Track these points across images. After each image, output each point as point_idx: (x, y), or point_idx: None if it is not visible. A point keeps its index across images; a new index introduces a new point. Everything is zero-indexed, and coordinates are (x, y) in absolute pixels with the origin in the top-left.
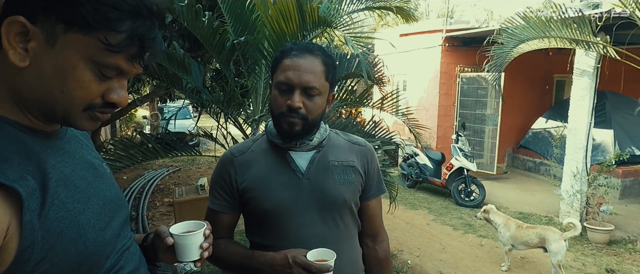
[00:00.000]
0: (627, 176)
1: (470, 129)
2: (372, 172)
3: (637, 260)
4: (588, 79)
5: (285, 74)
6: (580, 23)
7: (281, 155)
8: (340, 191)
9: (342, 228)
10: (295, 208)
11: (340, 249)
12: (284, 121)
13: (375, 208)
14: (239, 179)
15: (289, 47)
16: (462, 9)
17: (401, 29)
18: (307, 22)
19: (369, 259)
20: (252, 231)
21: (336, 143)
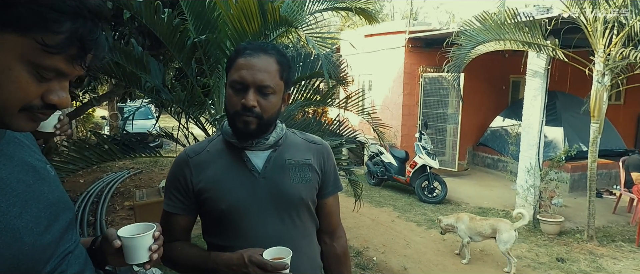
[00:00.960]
0: (575, 171)
1: (432, 128)
2: (329, 170)
3: (584, 249)
4: (540, 80)
5: (239, 73)
6: (531, 27)
7: (237, 155)
8: (297, 189)
9: (300, 226)
10: (251, 207)
11: (298, 246)
12: (238, 120)
13: (333, 205)
14: (195, 180)
15: (243, 47)
16: (426, 11)
17: (366, 29)
18: (269, 21)
19: (327, 256)
20: (209, 232)
21: (293, 142)
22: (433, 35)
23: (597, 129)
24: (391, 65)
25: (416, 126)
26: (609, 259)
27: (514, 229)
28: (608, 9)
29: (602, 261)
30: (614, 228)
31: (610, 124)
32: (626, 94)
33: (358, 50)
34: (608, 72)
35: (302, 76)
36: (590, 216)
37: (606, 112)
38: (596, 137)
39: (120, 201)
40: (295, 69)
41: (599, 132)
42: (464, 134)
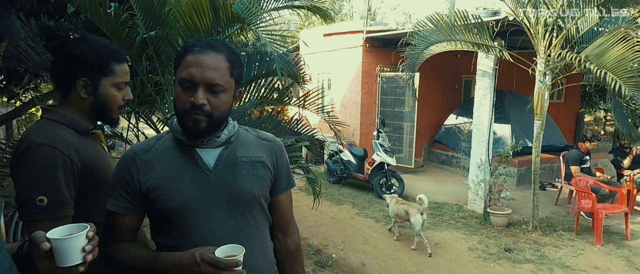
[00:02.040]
0: (522, 165)
1: (390, 126)
2: (281, 167)
3: (529, 239)
4: (488, 79)
5: (188, 71)
6: (480, 29)
7: (187, 153)
8: (249, 186)
9: (252, 223)
10: (202, 205)
11: (251, 243)
12: (188, 119)
13: (285, 201)
14: (142, 178)
15: (192, 43)
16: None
17: (325, 29)
18: (221, 18)
19: (280, 252)
20: (158, 232)
21: (245, 139)
22: (389, 36)
23: (540, 126)
24: (349, 65)
25: (374, 124)
26: (551, 247)
27: (420, 212)
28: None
29: (545, 249)
30: (555, 218)
31: (552, 121)
32: (566, 94)
33: (317, 49)
34: (549, 72)
35: (259, 74)
36: (534, 208)
37: (548, 110)
38: (539, 133)
39: None
40: (251, 68)
41: (541, 128)
42: (420, 131)
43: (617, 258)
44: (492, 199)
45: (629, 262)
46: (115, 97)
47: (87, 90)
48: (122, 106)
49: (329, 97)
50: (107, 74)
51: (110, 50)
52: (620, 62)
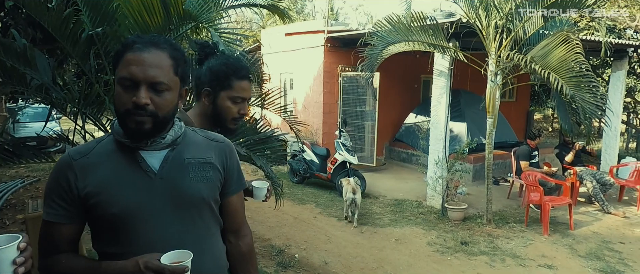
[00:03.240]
0: (477, 162)
1: (352, 125)
2: (232, 167)
3: (484, 231)
4: (444, 79)
5: (128, 69)
6: (435, 30)
7: (130, 155)
8: (197, 188)
9: (202, 226)
10: (148, 210)
11: (201, 248)
12: (130, 120)
13: (237, 203)
14: (80, 184)
15: (132, 40)
16: (346, 12)
17: (286, 28)
18: (173, 15)
19: (232, 255)
20: (99, 241)
21: (193, 140)
22: (349, 36)
23: (492, 124)
24: (311, 64)
25: (337, 124)
26: (504, 239)
27: (353, 193)
28: (497, 15)
29: (498, 241)
30: (508, 211)
31: (504, 119)
32: (517, 93)
33: (278, 48)
34: (499, 72)
35: None
36: (488, 202)
37: (501, 108)
38: (491, 130)
39: (11, 215)
40: None
41: (493, 126)
42: (381, 130)
43: (562, 247)
44: (449, 194)
45: (572, 250)
46: (229, 109)
47: (209, 99)
48: (236, 118)
49: (291, 96)
50: (225, 87)
51: (234, 66)
52: (563, 63)
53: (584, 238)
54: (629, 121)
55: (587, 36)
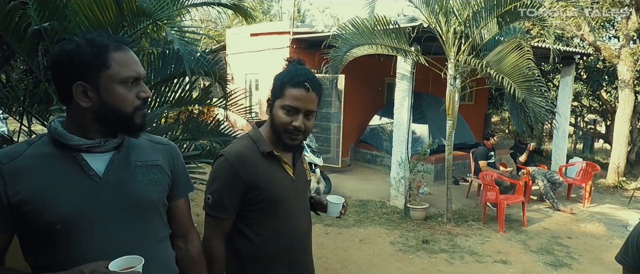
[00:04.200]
0: (438, 162)
1: (317, 127)
2: (179, 170)
3: (444, 230)
4: (407, 82)
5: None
6: (398, 34)
7: (70, 159)
8: (146, 191)
9: (151, 231)
10: (92, 216)
11: (150, 253)
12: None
13: (184, 206)
14: (10, 191)
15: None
16: (312, 14)
17: (252, 28)
18: (126, 12)
19: (182, 260)
20: (33, 252)
21: (137, 143)
22: (315, 37)
23: (452, 125)
24: (277, 65)
25: None
26: (463, 237)
27: (317, 183)
28: (456, 21)
29: (457, 239)
30: (466, 210)
31: (464, 121)
32: (476, 96)
33: (244, 49)
34: (458, 76)
35: (175, 73)
36: (448, 202)
37: (460, 111)
38: (451, 132)
39: None
40: (167, 67)
41: (453, 127)
42: (346, 132)
43: (516, 242)
44: (411, 194)
45: (525, 245)
46: (280, 119)
47: (268, 110)
48: (289, 131)
49: (256, 97)
50: (278, 95)
51: (291, 73)
52: (515, 68)
53: (535, 234)
54: (576, 123)
55: (539, 43)
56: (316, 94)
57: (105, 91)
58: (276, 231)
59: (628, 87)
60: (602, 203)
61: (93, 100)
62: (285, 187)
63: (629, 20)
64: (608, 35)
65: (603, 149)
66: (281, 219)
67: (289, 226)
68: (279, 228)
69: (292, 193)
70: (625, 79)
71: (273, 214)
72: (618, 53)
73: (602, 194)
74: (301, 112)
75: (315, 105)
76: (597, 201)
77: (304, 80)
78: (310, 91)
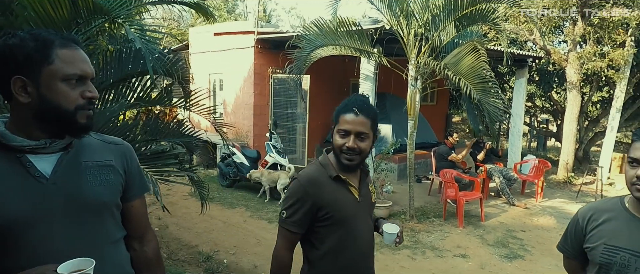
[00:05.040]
0: (401, 161)
1: (283, 127)
2: (133, 170)
3: (407, 227)
4: (370, 83)
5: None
6: (360, 35)
7: (13, 160)
8: (97, 192)
9: (103, 232)
10: (39, 218)
11: (102, 255)
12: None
13: (140, 207)
14: None
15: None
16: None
17: (216, 27)
18: (81, 8)
19: (138, 262)
20: None
21: (88, 143)
22: (279, 37)
23: (413, 125)
24: (241, 65)
25: (267, 126)
26: (425, 233)
27: (288, 177)
28: (417, 24)
29: (419, 235)
30: (428, 207)
31: (425, 121)
32: (438, 97)
33: (207, 48)
34: (419, 77)
35: (133, 71)
36: (410, 199)
37: (422, 111)
38: (412, 132)
39: None
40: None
41: (414, 127)
42: (312, 132)
43: (474, 237)
44: (376, 193)
45: (482, 239)
46: (336, 142)
47: (331, 134)
48: (343, 152)
49: (220, 98)
50: (336, 122)
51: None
52: (472, 70)
53: (492, 228)
54: (530, 123)
55: (495, 46)
56: (366, 117)
57: (46, 87)
58: (340, 246)
59: (575, 89)
60: (553, 198)
61: (32, 96)
62: (350, 208)
63: (576, 26)
64: (558, 40)
65: (555, 147)
66: (345, 236)
67: (351, 242)
68: (342, 243)
69: (356, 213)
70: (573, 81)
71: (338, 231)
72: (566, 57)
73: (553, 189)
74: (352, 134)
75: (365, 127)
76: (548, 196)
77: (353, 106)
78: (359, 115)
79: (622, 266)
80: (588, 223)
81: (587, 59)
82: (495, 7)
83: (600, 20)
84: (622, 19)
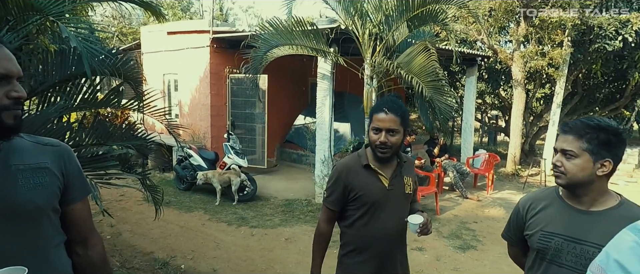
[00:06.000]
0: None
1: (242, 128)
2: (73, 173)
3: None
4: (327, 82)
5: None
6: (316, 35)
7: None
8: (29, 196)
9: (40, 238)
10: None
11: (40, 262)
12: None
13: (82, 211)
14: None
15: None
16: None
17: (169, 26)
18: (10, 5)
19: (83, 267)
20: None
21: (20, 146)
22: (235, 37)
23: (369, 124)
24: (197, 65)
25: (226, 127)
26: None
27: (239, 177)
28: (371, 24)
29: None
30: None
31: None
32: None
33: (161, 47)
34: (374, 76)
35: (77, 72)
36: None
37: None
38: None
39: None
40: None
41: None
42: (271, 132)
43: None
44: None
45: (438, 232)
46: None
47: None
48: (377, 146)
49: (176, 99)
50: (371, 121)
51: (377, 103)
52: (423, 69)
53: (447, 221)
54: (482, 119)
55: (447, 46)
56: (395, 115)
57: None
58: (366, 226)
59: (520, 86)
60: (503, 189)
61: None
62: (378, 194)
63: (519, 27)
64: (504, 40)
65: (505, 141)
66: (371, 217)
67: (377, 224)
68: (368, 224)
69: (384, 199)
70: (518, 79)
71: (365, 212)
72: (511, 56)
73: (503, 181)
74: (383, 130)
75: (395, 124)
76: (498, 188)
77: (384, 106)
78: (388, 113)
79: (556, 251)
80: (527, 212)
81: (529, 58)
82: (444, 8)
83: (541, 22)
84: (560, 21)
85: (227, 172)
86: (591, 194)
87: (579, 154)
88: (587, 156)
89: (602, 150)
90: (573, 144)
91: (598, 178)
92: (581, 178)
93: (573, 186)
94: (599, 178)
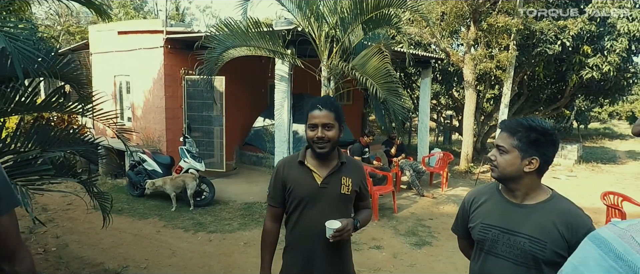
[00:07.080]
0: None
1: (200, 131)
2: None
3: None
4: (285, 84)
5: None
6: (272, 36)
7: None
8: None
9: None
10: None
11: None
12: None
13: (7, 224)
14: None
15: None
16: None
17: (120, 26)
18: None
19: None
20: None
21: None
22: (190, 37)
23: None
24: (150, 67)
25: (181, 130)
26: None
27: (194, 180)
28: (327, 26)
29: None
30: None
31: None
32: (353, 97)
33: (111, 48)
34: (332, 77)
35: (10, 75)
36: None
37: None
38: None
39: None
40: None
41: None
42: (230, 135)
43: (388, 228)
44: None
45: (395, 230)
46: (307, 134)
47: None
48: (314, 141)
49: (128, 101)
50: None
51: (312, 101)
52: (377, 71)
53: (404, 219)
54: (437, 119)
55: (402, 48)
56: (329, 111)
57: None
58: (297, 222)
59: (471, 87)
60: (456, 187)
61: None
62: (309, 190)
63: (469, 30)
64: (456, 43)
65: (459, 140)
66: (301, 214)
67: (305, 220)
68: (298, 220)
69: (315, 196)
70: (469, 80)
71: (295, 208)
72: (463, 58)
73: (457, 178)
74: (319, 126)
75: (330, 119)
76: (452, 185)
77: (317, 103)
78: (322, 109)
79: (492, 242)
80: (471, 206)
81: (479, 60)
82: (397, 12)
83: (489, 26)
84: (505, 25)
85: (181, 176)
86: (523, 189)
87: (509, 150)
88: (516, 153)
89: (530, 148)
90: (506, 140)
91: (526, 174)
92: (510, 172)
93: (504, 180)
94: (527, 174)
